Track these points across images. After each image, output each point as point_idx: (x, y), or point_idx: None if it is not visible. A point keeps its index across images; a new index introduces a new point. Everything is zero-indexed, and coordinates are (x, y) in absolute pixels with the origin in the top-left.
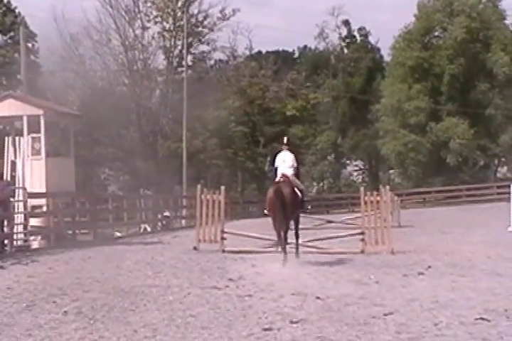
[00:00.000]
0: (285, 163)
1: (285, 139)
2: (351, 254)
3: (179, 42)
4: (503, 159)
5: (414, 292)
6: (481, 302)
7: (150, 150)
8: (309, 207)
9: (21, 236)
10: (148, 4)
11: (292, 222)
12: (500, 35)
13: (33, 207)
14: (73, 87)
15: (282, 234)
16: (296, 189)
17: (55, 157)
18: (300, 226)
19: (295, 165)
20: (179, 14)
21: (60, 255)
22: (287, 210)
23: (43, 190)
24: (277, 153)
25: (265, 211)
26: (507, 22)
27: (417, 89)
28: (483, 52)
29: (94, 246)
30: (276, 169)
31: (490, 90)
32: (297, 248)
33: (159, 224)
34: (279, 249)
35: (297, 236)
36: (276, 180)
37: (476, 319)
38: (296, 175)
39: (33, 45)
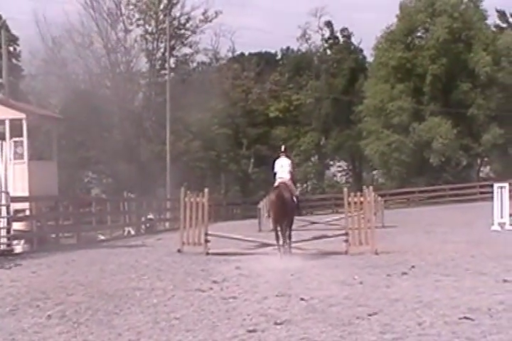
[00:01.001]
0: (283, 168)
1: (282, 148)
2: (335, 255)
3: (162, 45)
4: (485, 159)
5: (398, 292)
6: (464, 301)
7: (133, 153)
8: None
9: (4, 240)
10: (131, 7)
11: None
12: (481, 35)
13: (16, 211)
14: (56, 91)
15: (279, 232)
16: (293, 195)
17: (37, 160)
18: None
19: (291, 170)
20: (161, 17)
21: (44, 259)
22: (285, 213)
23: (26, 194)
24: (275, 160)
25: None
26: (488, 22)
27: (399, 90)
28: (465, 52)
29: (78, 249)
30: (275, 174)
31: (472, 90)
32: (290, 246)
33: (143, 226)
34: (276, 246)
35: (290, 237)
36: (276, 185)
37: (460, 318)
38: (292, 178)
39: (14, 49)
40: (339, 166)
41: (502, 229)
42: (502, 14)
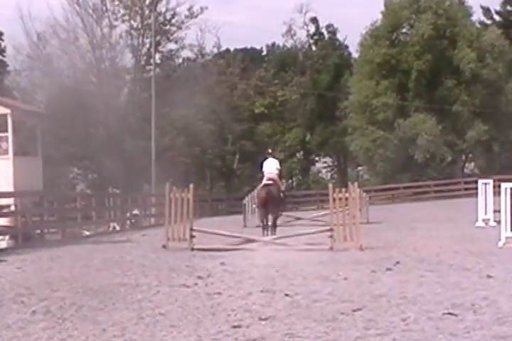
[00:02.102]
0: (271, 168)
1: (269, 150)
2: (320, 251)
3: (147, 41)
4: (470, 155)
5: (382, 288)
6: (448, 297)
7: (118, 148)
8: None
9: None
10: (116, 3)
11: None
12: (466, 31)
13: (1, 207)
14: (40, 86)
15: (265, 221)
16: (280, 190)
17: (22, 156)
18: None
19: (279, 168)
20: (147, 12)
21: (28, 254)
22: (272, 207)
23: (11, 190)
24: (264, 160)
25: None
26: (473, 19)
27: (384, 86)
28: (450, 48)
29: (63, 245)
30: (263, 173)
31: (456, 86)
32: (274, 232)
33: (128, 222)
34: (264, 234)
35: (275, 226)
36: (265, 182)
37: (444, 314)
38: (279, 176)
39: None
40: (324, 162)
41: (486, 226)
42: (486, 11)
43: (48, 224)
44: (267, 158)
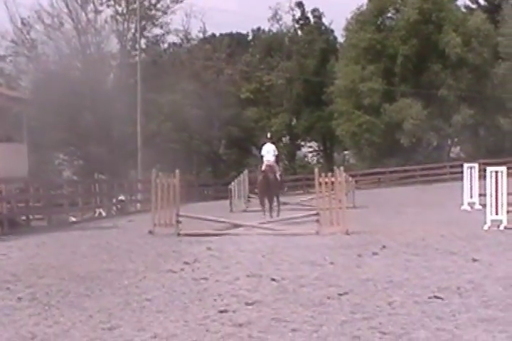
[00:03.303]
0: (269, 153)
1: (268, 135)
2: (306, 235)
3: (132, 26)
4: (455, 139)
5: (368, 272)
6: (434, 280)
7: (104, 134)
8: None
9: None
10: None
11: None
12: (452, 16)
13: None
14: (25, 72)
15: (266, 205)
16: (277, 175)
17: (7, 143)
18: (254, 208)
19: (276, 153)
20: None
21: (14, 241)
22: (271, 190)
23: None
24: (262, 145)
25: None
26: (459, 3)
27: (370, 71)
28: (436, 33)
29: (49, 231)
30: (262, 157)
31: (442, 71)
32: (278, 214)
33: (114, 208)
34: (264, 214)
35: (279, 206)
36: (263, 168)
37: (430, 297)
38: (277, 161)
39: None
40: (310, 147)
41: (472, 209)
42: None
43: (34, 210)
44: (265, 143)
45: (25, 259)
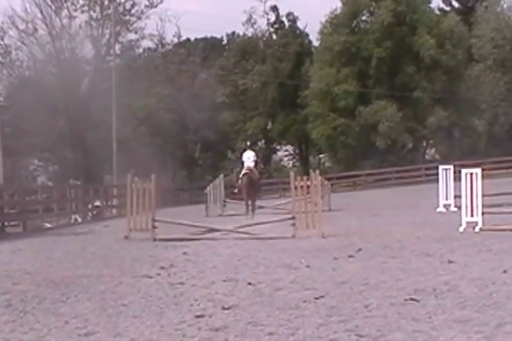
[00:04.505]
0: (249, 159)
1: (248, 143)
2: (282, 239)
3: (107, 31)
4: (430, 141)
5: (344, 275)
6: (410, 282)
7: (79, 139)
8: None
9: None
10: None
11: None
12: (425, 18)
13: None
14: None
15: (249, 203)
16: (256, 178)
17: None
18: (231, 212)
19: (255, 159)
20: (106, 3)
21: None
22: (252, 191)
23: None
24: (243, 152)
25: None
26: (432, 5)
27: (345, 73)
28: (410, 35)
29: (24, 237)
30: (242, 163)
31: (416, 73)
32: (253, 213)
33: (90, 214)
34: (247, 213)
35: (254, 209)
36: (244, 171)
37: (406, 299)
38: (256, 166)
39: None
40: (286, 150)
41: (447, 211)
42: None
43: (9, 216)
44: (245, 150)
45: (0, 265)
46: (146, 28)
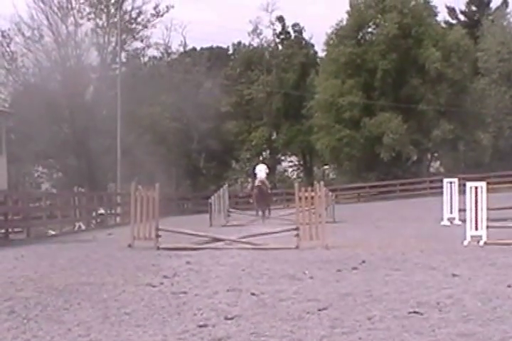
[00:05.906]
0: (261, 171)
1: (261, 158)
2: (286, 250)
3: (113, 39)
4: (435, 154)
5: (348, 286)
6: (414, 295)
7: (83, 146)
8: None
9: None
10: (81, 0)
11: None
12: (431, 31)
13: None
14: (5, 84)
15: (260, 212)
16: (268, 189)
17: None
18: (235, 222)
19: (267, 172)
20: (112, 11)
21: None
22: (264, 201)
23: None
24: (256, 165)
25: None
26: (438, 18)
27: (350, 85)
28: (415, 47)
29: (28, 244)
30: (255, 175)
31: (422, 85)
32: (268, 217)
33: (93, 221)
34: (261, 220)
35: (269, 212)
36: (257, 183)
37: (409, 312)
38: (267, 178)
39: None
40: (290, 161)
41: (451, 224)
42: (451, 10)
43: (13, 223)
44: (258, 164)
45: (3, 272)
46: (152, 37)
